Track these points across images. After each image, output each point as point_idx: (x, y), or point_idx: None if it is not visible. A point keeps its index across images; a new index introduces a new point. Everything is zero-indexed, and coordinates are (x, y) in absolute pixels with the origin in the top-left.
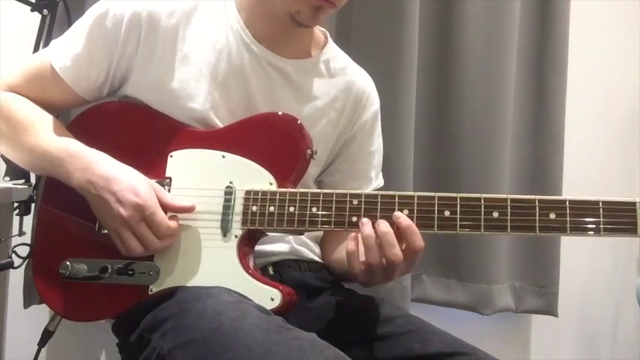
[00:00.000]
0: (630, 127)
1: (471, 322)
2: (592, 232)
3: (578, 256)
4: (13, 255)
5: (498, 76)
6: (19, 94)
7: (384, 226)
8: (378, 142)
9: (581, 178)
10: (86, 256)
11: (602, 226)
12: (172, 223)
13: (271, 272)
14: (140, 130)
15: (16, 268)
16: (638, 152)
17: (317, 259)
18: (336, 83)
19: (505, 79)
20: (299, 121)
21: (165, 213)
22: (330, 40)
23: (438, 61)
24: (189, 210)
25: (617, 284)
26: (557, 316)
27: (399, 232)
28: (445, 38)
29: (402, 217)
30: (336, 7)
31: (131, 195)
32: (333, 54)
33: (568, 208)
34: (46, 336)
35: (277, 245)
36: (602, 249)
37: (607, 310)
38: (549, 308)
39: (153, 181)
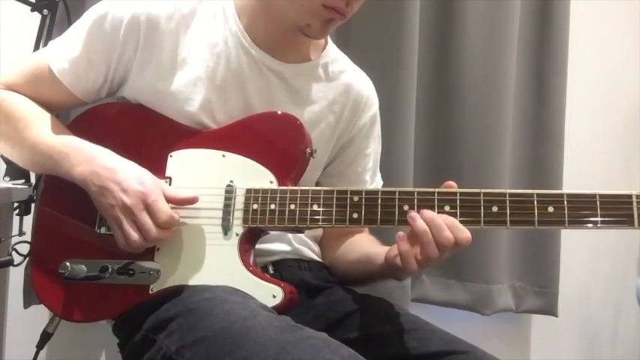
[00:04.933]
0: (630, 127)
1: (471, 322)
2: (590, 225)
3: (578, 256)
4: (14, 252)
5: (498, 76)
6: (17, 92)
7: (428, 212)
8: (374, 145)
9: (582, 177)
10: (85, 257)
11: (599, 219)
12: (174, 214)
13: (271, 271)
14: (140, 131)
15: (17, 265)
16: (638, 152)
17: (317, 258)
18: (335, 87)
19: (505, 79)
20: (298, 120)
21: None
22: (330, 42)
23: (438, 61)
24: (193, 201)
25: (617, 284)
26: (557, 316)
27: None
28: (445, 38)
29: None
30: (346, 19)
31: (136, 184)
32: (333, 57)
33: (566, 202)
34: (45, 338)
35: (277, 244)
36: (602, 249)
37: (607, 310)
38: (549, 308)
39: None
